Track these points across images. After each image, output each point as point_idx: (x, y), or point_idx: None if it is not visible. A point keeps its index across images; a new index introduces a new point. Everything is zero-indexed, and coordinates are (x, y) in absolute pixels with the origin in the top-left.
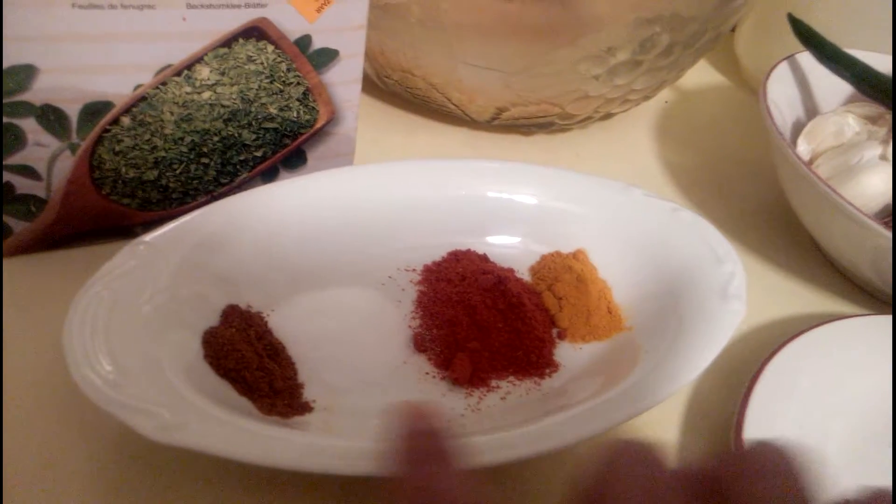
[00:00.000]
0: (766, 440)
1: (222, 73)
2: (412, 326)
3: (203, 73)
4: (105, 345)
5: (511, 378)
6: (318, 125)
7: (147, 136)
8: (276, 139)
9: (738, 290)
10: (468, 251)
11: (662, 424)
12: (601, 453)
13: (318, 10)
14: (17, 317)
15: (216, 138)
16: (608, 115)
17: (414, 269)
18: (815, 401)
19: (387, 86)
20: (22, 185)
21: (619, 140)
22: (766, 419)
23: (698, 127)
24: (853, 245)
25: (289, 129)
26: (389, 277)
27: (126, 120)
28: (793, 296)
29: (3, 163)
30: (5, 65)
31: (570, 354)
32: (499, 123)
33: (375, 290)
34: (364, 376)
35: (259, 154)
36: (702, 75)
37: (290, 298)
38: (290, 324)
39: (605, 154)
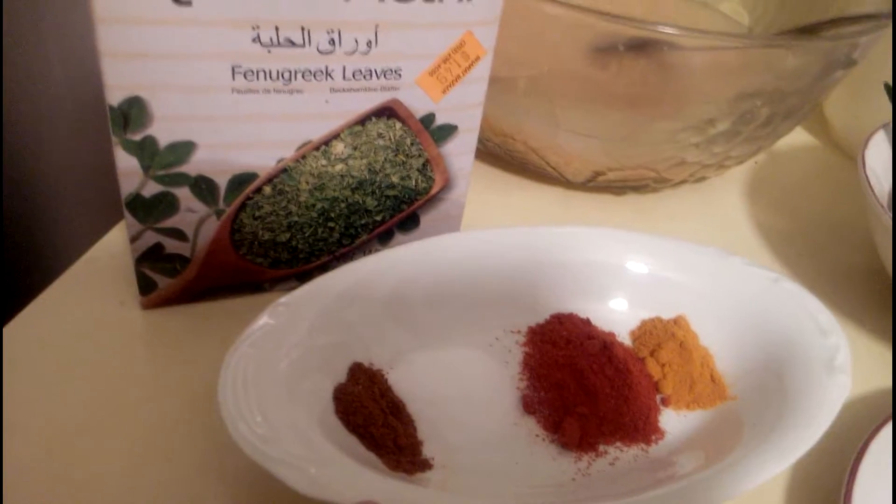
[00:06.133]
0: None
1: (355, 148)
2: (520, 388)
3: (338, 148)
4: (256, 400)
5: (618, 444)
6: (433, 192)
7: (284, 203)
8: (395, 205)
9: (843, 363)
10: (571, 315)
11: (764, 497)
12: None
13: (444, 92)
14: (159, 362)
15: (343, 205)
16: (702, 178)
17: (519, 331)
18: None
19: (485, 147)
20: (171, 245)
21: (711, 201)
22: (873, 496)
23: (788, 188)
24: None
25: (407, 196)
26: (496, 339)
27: (267, 189)
28: (890, 365)
29: (158, 226)
30: (170, 141)
31: (674, 422)
32: (593, 185)
33: (483, 350)
34: (477, 436)
35: (379, 218)
36: (791, 136)
37: (405, 357)
38: (406, 382)
39: (698, 215)
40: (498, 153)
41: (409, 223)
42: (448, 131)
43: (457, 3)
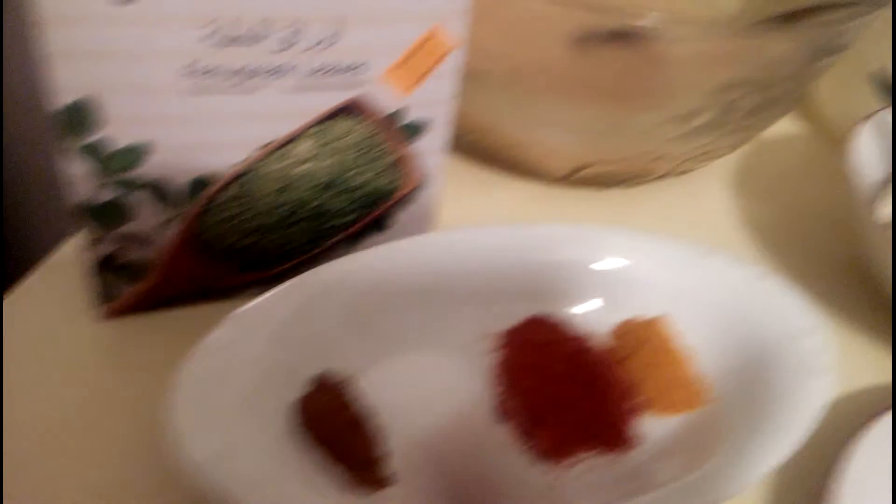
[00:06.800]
0: None
1: (320, 148)
2: (494, 394)
3: (303, 147)
4: (207, 420)
5: (596, 451)
6: (404, 192)
7: (248, 206)
8: (364, 206)
9: (826, 364)
10: (547, 317)
11: (748, 499)
12: None
13: (412, 87)
14: (119, 376)
15: (309, 207)
16: (687, 170)
17: (493, 335)
18: None
19: (462, 142)
20: (130, 252)
21: (697, 193)
22: (860, 496)
23: (778, 178)
24: None
25: (376, 197)
26: (469, 343)
27: (230, 191)
28: (880, 362)
29: (116, 232)
30: (124, 143)
31: (654, 427)
32: (575, 179)
33: (455, 355)
34: (447, 445)
35: (348, 220)
36: (781, 124)
37: (374, 365)
38: (374, 390)
39: (684, 208)
40: (475, 149)
41: (380, 225)
42: (418, 128)
43: None
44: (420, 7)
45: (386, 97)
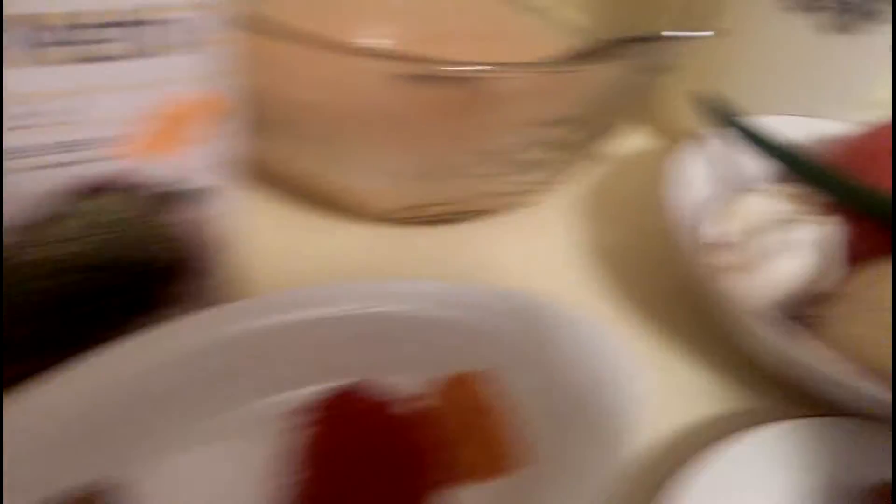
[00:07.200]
0: None
1: (80, 227)
2: (293, 482)
3: (64, 227)
4: None
5: None
6: (190, 262)
7: (9, 293)
8: (138, 285)
9: (641, 410)
10: (355, 386)
11: None
12: None
13: (183, 155)
14: None
15: (78, 290)
16: (528, 202)
17: (294, 413)
18: None
19: (280, 190)
20: None
21: (542, 223)
22: None
23: (625, 199)
24: (758, 345)
25: (153, 275)
26: (260, 426)
27: None
28: (715, 392)
29: None
30: None
31: (469, 496)
32: (405, 218)
33: (249, 441)
34: None
35: (126, 299)
36: (636, 139)
37: (153, 467)
38: (155, 498)
39: (525, 241)
40: (300, 195)
41: (160, 303)
42: (195, 196)
43: (151, 61)
44: (165, 74)
45: (156, 168)
